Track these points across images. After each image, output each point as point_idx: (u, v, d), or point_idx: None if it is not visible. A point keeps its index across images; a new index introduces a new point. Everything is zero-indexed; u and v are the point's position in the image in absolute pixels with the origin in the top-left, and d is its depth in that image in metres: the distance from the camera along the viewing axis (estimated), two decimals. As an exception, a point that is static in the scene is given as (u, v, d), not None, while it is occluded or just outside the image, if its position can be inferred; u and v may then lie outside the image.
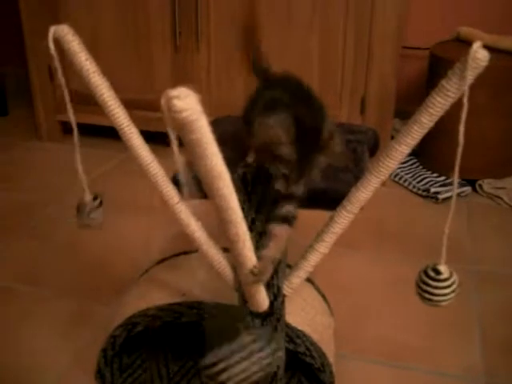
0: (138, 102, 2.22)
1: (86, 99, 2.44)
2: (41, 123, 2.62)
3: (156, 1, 2.27)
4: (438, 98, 0.69)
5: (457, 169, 0.75)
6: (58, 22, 0.81)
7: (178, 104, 0.48)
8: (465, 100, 0.68)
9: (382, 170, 0.76)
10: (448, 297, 0.82)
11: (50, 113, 2.57)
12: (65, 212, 2.04)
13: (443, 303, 0.83)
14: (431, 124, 0.72)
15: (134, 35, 2.35)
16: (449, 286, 0.82)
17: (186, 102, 0.48)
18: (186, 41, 2.29)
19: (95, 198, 1.02)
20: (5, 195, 2.16)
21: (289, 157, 0.78)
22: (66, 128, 2.62)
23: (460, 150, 0.71)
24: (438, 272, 0.82)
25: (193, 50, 2.29)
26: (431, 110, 0.70)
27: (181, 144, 0.55)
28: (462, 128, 0.70)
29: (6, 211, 2.05)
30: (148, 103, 2.31)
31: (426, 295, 0.83)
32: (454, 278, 0.82)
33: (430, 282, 0.82)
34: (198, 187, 0.83)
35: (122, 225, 1.92)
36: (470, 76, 0.66)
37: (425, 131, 0.73)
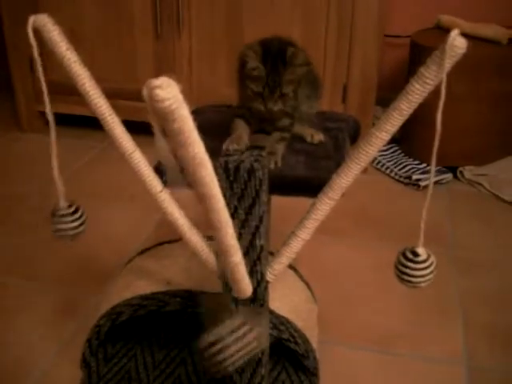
0: (119, 92, 2.22)
1: (67, 89, 2.43)
2: (22, 114, 2.60)
3: (137, -12, 2.26)
4: (417, 86, 0.70)
5: (434, 155, 0.76)
6: (38, 11, 0.81)
7: (160, 93, 0.48)
8: (443, 87, 0.69)
9: (362, 156, 0.77)
10: (426, 278, 0.84)
11: (31, 104, 2.55)
12: (48, 203, 2.03)
13: (422, 284, 0.85)
14: (410, 111, 0.73)
15: (116, 24, 2.34)
16: (427, 267, 0.84)
17: (168, 92, 0.48)
18: (168, 28, 2.28)
19: (70, 206, 1.02)
20: (-13, 187, 2.15)
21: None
22: (48, 119, 2.60)
23: (437, 136, 0.72)
24: (416, 254, 0.84)
25: (174, 38, 2.29)
26: (410, 97, 0.71)
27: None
28: (439, 115, 0.71)
29: (-12, 203, 2.04)
30: (130, 92, 2.30)
31: (405, 277, 0.84)
32: (432, 259, 0.84)
33: (409, 264, 0.84)
34: (183, 176, 0.87)
35: (106, 214, 1.92)
36: (448, 64, 0.67)
37: (404, 118, 0.74)
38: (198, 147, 0.54)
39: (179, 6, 2.22)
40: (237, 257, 0.78)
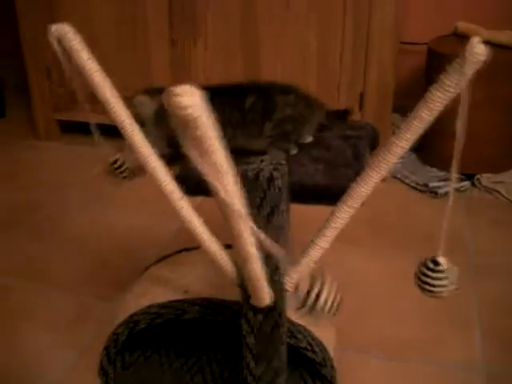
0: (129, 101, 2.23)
1: (85, 98, 2.44)
2: (39, 122, 2.62)
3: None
4: (438, 93, 0.70)
5: (455, 163, 0.75)
6: (54, 21, 0.81)
7: (183, 101, 0.48)
8: (464, 94, 0.69)
9: (382, 165, 0.76)
10: (448, 288, 0.83)
11: (48, 112, 2.57)
12: (64, 210, 2.04)
13: (443, 294, 0.84)
14: (431, 119, 0.72)
15: (130, 31, 2.35)
16: (448, 277, 0.83)
17: (190, 99, 0.48)
18: (183, 36, 2.29)
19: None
20: (4, 194, 2.16)
21: None
22: (64, 127, 2.62)
23: (458, 144, 0.72)
24: (437, 263, 0.83)
25: (190, 45, 2.29)
26: (431, 105, 0.71)
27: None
28: (460, 122, 0.71)
29: (5, 210, 2.05)
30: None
31: (427, 287, 0.84)
32: (454, 268, 0.83)
33: (430, 274, 0.83)
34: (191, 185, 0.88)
35: (122, 221, 1.92)
36: (469, 71, 0.67)
37: (425, 126, 0.73)
38: (220, 155, 0.54)
39: (195, 12, 2.23)
40: (257, 265, 0.78)
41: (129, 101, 1.19)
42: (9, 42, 3.06)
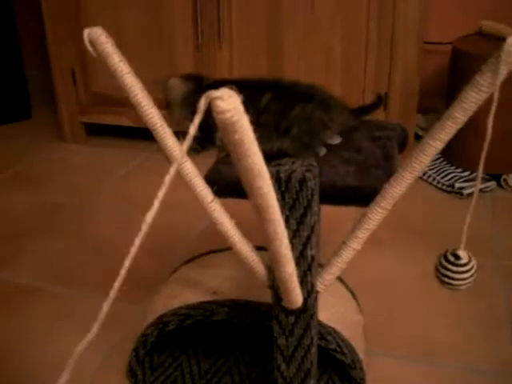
0: (159, 102, 2.24)
1: (107, 100, 2.46)
2: (64, 125, 2.64)
3: (178, 0, 2.28)
4: (472, 93, 0.69)
5: (482, 161, 0.75)
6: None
7: (222, 105, 0.48)
8: (495, 94, 0.68)
9: (415, 165, 0.76)
10: (467, 281, 0.84)
11: (74, 114, 2.59)
12: (90, 212, 2.06)
13: (462, 287, 0.85)
14: (465, 119, 0.72)
15: (156, 34, 2.36)
16: (468, 271, 0.84)
17: (229, 103, 0.48)
18: (208, 39, 2.29)
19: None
20: (31, 197, 2.18)
21: None
22: (89, 129, 2.64)
23: (487, 144, 0.72)
24: (457, 257, 0.83)
25: (215, 49, 2.30)
26: (465, 105, 0.70)
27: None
28: (490, 121, 0.71)
29: (32, 213, 2.07)
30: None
31: (446, 279, 0.85)
32: (473, 262, 0.84)
33: (450, 267, 0.84)
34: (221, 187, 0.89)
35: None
36: (504, 70, 0.66)
37: (458, 126, 0.73)
38: (257, 158, 0.54)
39: (220, 16, 2.24)
40: (290, 267, 0.78)
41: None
42: (35, 44, 3.10)
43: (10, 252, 1.82)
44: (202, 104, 0.50)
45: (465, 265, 0.83)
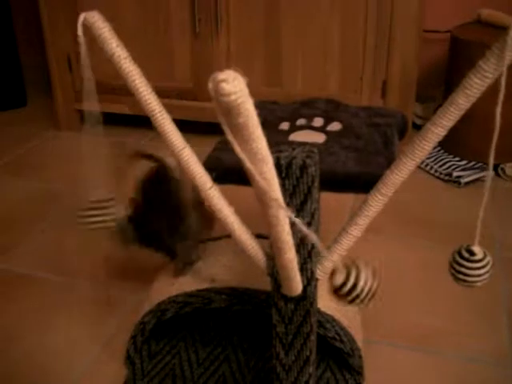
0: (156, 90, 2.22)
1: (103, 88, 2.44)
2: (59, 113, 2.63)
3: (175, -12, 2.27)
4: (476, 79, 0.68)
5: (492, 150, 0.75)
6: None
7: (226, 87, 0.47)
8: (502, 81, 0.67)
9: (417, 152, 0.75)
10: (482, 277, 0.82)
11: (69, 102, 2.58)
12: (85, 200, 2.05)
13: (477, 284, 0.83)
14: (468, 105, 0.71)
15: (153, 22, 2.34)
16: (483, 267, 0.82)
17: (234, 85, 0.48)
18: (206, 27, 2.28)
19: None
20: (25, 185, 2.17)
21: None
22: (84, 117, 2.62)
23: (496, 133, 0.71)
24: (472, 253, 0.82)
25: (212, 37, 2.29)
26: (468, 92, 0.69)
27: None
28: (498, 109, 0.70)
29: (27, 201, 2.06)
30: (167, 91, 2.31)
31: (461, 276, 0.83)
32: (488, 258, 0.83)
33: (465, 263, 0.82)
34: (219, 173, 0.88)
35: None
36: (509, 57, 0.66)
37: (461, 113, 0.72)
38: (261, 143, 0.54)
39: (217, 5, 2.22)
40: (291, 254, 0.77)
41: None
42: (30, 31, 3.07)
43: (5, 240, 1.82)
44: (210, 87, 0.49)
45: (480, 261, 0.82)
